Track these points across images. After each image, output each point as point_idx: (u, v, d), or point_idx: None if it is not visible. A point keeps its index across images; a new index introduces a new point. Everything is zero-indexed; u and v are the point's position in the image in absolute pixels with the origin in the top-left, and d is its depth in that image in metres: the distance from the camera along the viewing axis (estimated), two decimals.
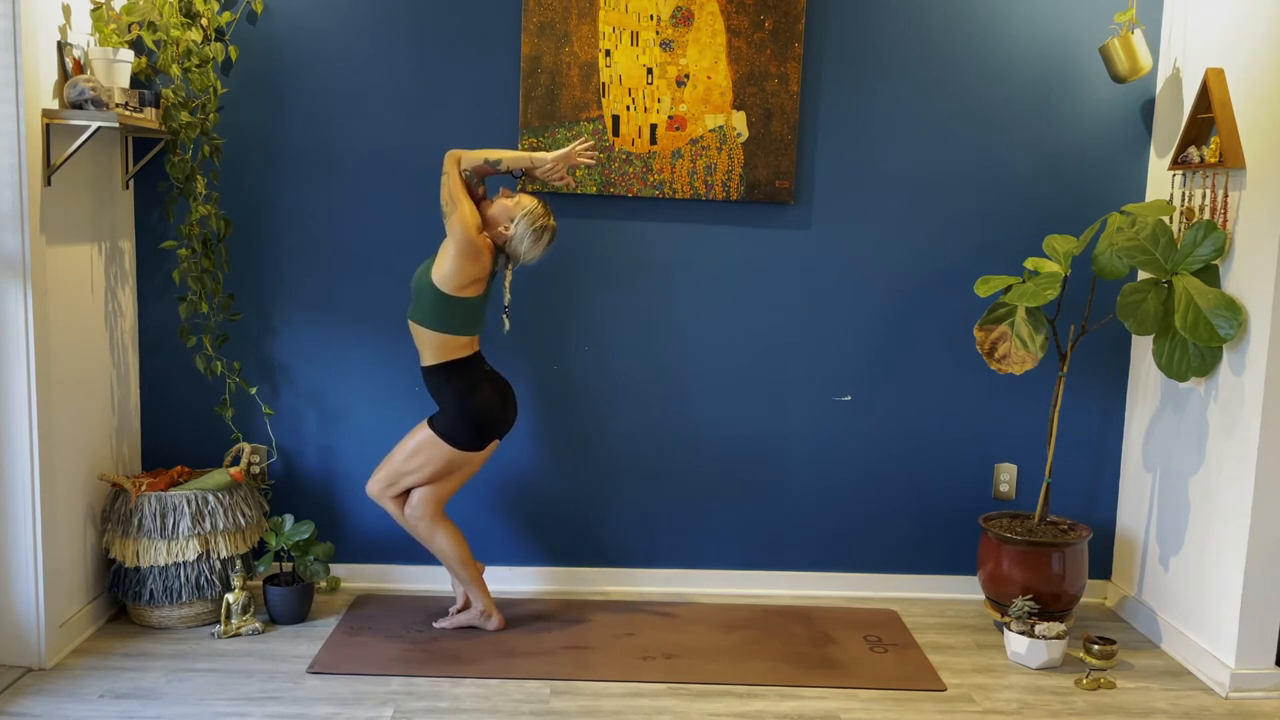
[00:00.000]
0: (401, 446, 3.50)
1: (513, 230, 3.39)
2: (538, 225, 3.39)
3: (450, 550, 3.54)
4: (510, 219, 3.39)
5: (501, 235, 3.41)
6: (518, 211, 3.39)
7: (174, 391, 3.89)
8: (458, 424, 3.43)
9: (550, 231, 3.43)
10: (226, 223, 3.75)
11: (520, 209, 3.40)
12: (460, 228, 3.29)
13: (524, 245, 3.41)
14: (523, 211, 3.39)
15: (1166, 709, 3.28)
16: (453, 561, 3.56)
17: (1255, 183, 3.34)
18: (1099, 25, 3.87)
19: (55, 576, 3.30)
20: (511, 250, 3.43)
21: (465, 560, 3.57)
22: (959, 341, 4.01)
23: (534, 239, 3.40)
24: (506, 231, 3.40)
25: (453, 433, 3.43)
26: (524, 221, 3.39)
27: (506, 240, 3.41)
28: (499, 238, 3.41)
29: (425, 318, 3.40)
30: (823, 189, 3.93)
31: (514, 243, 3.41)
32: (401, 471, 3.49)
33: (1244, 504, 3.35)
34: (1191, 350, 3.47)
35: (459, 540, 3.55)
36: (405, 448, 3.49)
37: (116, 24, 3.45)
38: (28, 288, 3.13)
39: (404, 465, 3.48)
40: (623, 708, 3.15)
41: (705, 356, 3.99)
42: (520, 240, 3.40)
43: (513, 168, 3.42)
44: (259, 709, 3.07)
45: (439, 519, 3.53)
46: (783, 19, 3.78)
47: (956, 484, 4.10)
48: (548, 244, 3.45)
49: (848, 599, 4.09)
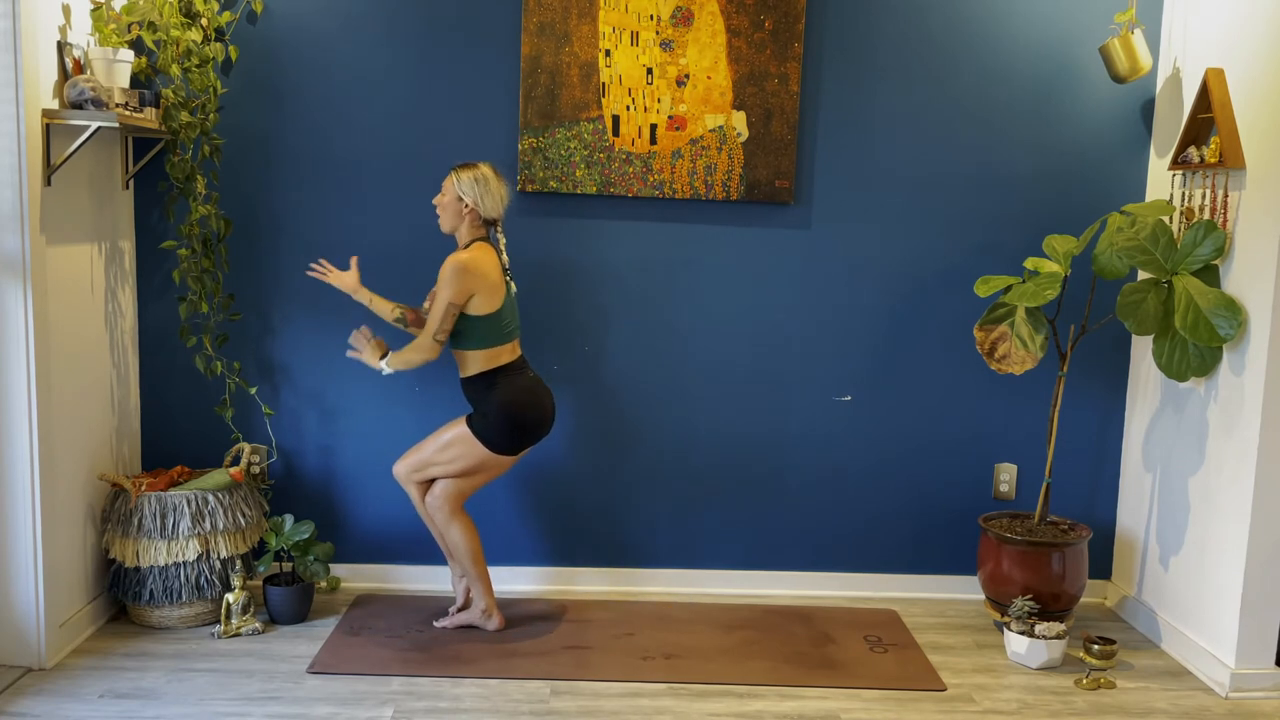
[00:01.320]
0: (435, 437, 3.49)
1: (468, 200, 3.38)
2: (474, 176, 3.38)
3: (464, 544, 3.54)
4: (458, 200, 3.39)
5: (468, 212, 3.39)
6: (453, 191, 3.39)
7: (174, 391, 3.90)
8: (499, 427, 3.42)
9: (484, 167, 3.40)
10: (226, 223, 3.75)
11: (453, 188, 3.39)
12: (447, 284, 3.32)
13: (485, 197, 3.39)
14: (455, 186, 3.38)
15: (1166, 709, 3.28)
16: (464, 556, 3.55)
17: (1255, 183, 3.34)
18: (1099, 25, 3.87)
19: (55, 576, 3.30)
20: (487, 212, 3.41)
21: (477, 556, 3.56)
22: (959, 341, 4.01)
23: (482, 185, 3.38)
24: (466, 208, 3.39)
25: (490, 435, 3.43)
26: (465, 187, 3.37)
27: (475, 210, 3.39)
28: (471, 216, 3.40)
29: (468, 343, 3.41)
30: (823, 189, 3.93)
31: (482, 206, 3.39)
32: (431, 461, 3.49)
33: (1244, 504, 3.35)
34: (1191, 350, 3.47)
35: (474, 535, 3.55)
36: (439, 439, 3.48)
37: (116, 24, 3.45)
38: (28, 288, 3.13)
39: (435, 456, 3.48)
40: (623, 708, 3.16)
41: (705, 356, 3.99)
42: (480, 198, 3.38)
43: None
44: (259, 709, 3.07)
45: (458, 512, 3.53)
46: (783, 19, 3.78)
47: (956, 484, 4.10)
48: (495, 175, 3.41)
49: (848, 599, 4.09)
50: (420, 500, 3.57)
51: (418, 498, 3.58)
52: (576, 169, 3.82)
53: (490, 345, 3.42)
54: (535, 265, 3.86)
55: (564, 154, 3.81)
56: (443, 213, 3.44)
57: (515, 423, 3.42)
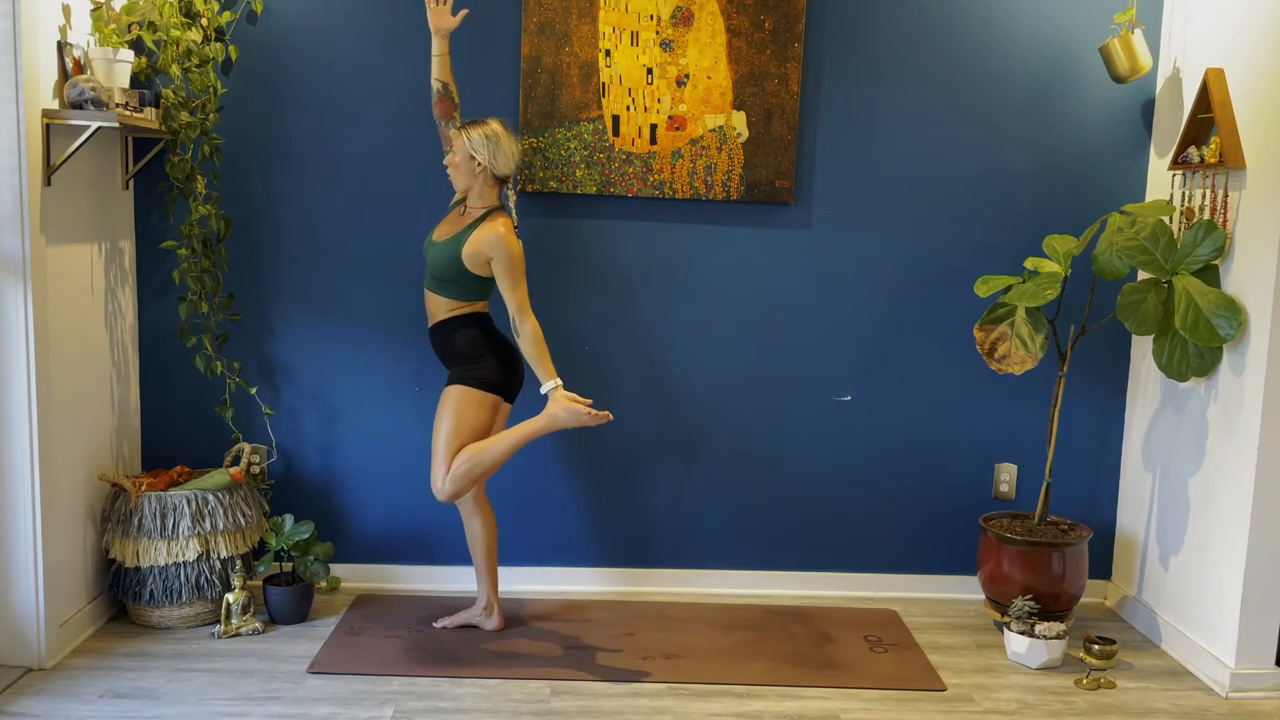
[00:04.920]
0: (436, 430, 3.39)
1: (480, 158, 3.35)
2: (485, 133, 3.35)
3: (483, 536, 3.56)
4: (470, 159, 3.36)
5: (481, 170, 3.37)
6: (464, 150, 3.36)
7: (174, 391, 3.90)
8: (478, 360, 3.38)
9: (494, 123, 3.37)
10: (226, 223, 3.75)
11: (464, 147, 3.36)
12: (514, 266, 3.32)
13: (498, 154, 3.36)
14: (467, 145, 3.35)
15: (1166, 709, 3.28)
16: (480, 548, 3.57)
17: (1255, 183, 3.34)
18: (1099, 25, 3.87)
19: (55, 576, 3.30)
20: (499, 169, 3.38)
21: (491, 551, 3.58)
22: (959, 341, 4.01)
23: (494, 142, 3.35)
24: (479, 166, 3.36)
25: (473, 368, 3.38)
26: (477, 145, 3.34)
27: (488, 169, 3.37)
28: (484, 175, 3.37)
29: (462, 293, 3.39)
30: (823, 189, 3.93)
31: (495, 164, 3.36)
32: (444, 443, 3.36)
33: (1244, 504, 3.35)
34: (1191, 350, 3.47)
35: (493, 530, 3.58)
36: (439, 424, 3.38)
37: (116, 24, 3.45)
38: (28, 288, 3.13)
39: (443, 436, 3.36)
40: (623, 708, 3.16)
41: (705, 356, 3.99)
42: (493, 155, 3.35)
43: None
44: (259, 709, 3.07)
45: (481, 503, 3.56)
46: (783, 19, 3.78)
47: (956, 484, 4.10)
48: (506, 130, 3.38)
49: (848, 599, 4.09)
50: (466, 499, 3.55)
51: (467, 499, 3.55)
52: (576, 169, 3.82)
53: (479, 299, 3.44)
54: (535, 265, 3.86)
55: (564, 154, 3.81)
56: (455, 172, 3.40)
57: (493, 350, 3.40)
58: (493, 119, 3.40)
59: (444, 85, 3.53)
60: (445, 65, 3.53)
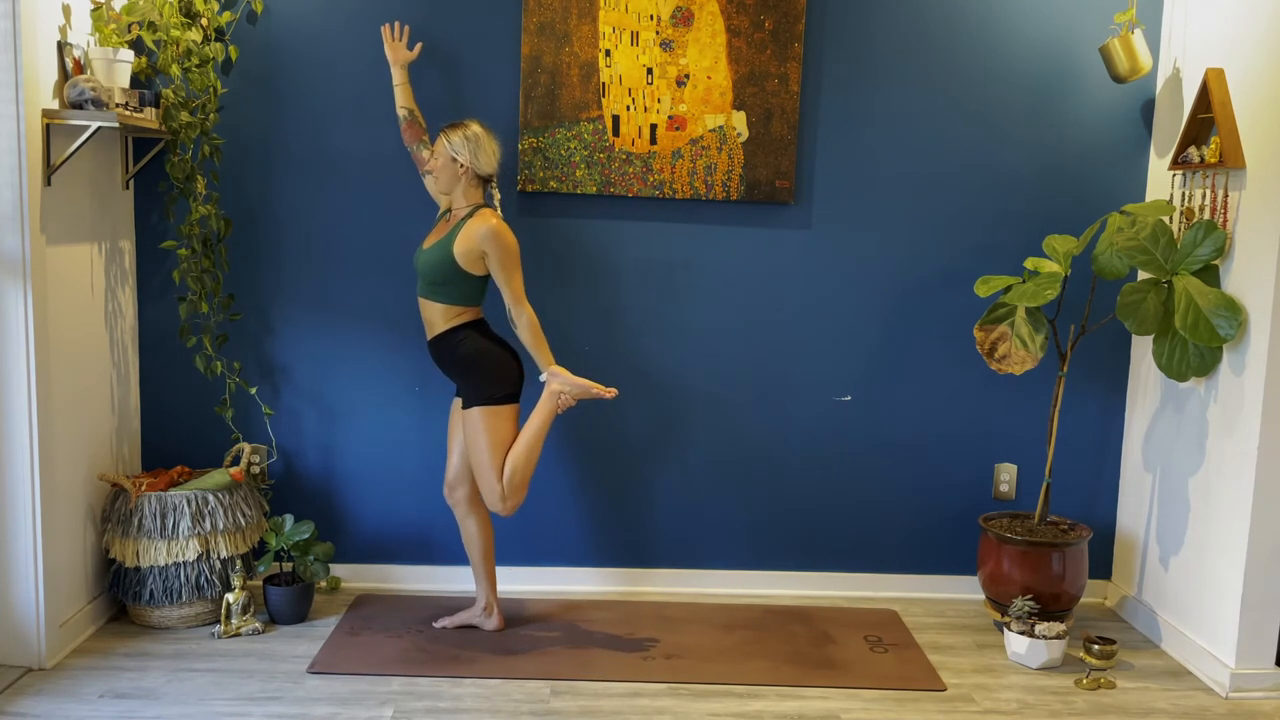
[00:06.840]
0: (474, 449, 3.42)
1: (462, 159, 3.36)
2: (465, 134, 3.36)
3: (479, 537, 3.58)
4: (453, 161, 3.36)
5: (464, 171, 3.37)
6: (445, 153, 3.36)
7: (174, 391, 3.90)
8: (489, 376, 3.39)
9: (473, 125, 3.38)
10: (226, 223, 3.75)
11: (445, 150, 3.36)
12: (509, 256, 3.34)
13: (479, 154, 3.36)
14: (447, 147, 3.36)
15: (1166, 709, 3.28)
16: (478, 549, 3.58)
17: (1255, 183, 3.34)
18: (1099, 25, 3.87)
19: (55, 576, 3.30)
20: (482, 169, 3.38)
21: (488, 551, 3.60)
22: (959, 341, 4.01)
23: (474, 143, 3.36)
24: (462, 167, 3.37)
25: (487, 387, 3.39)
26: (458, 146, 3.35)
27: (470, 170, 3.37)
28: (468, 175, 3.38)
29: (457, 296, 3.39)
30: (823, 189, 3.93)
31: (477, 164, 3.37)
32: (491, 466, 3.41)
33: (1244, 504, 3.35)
34: (1191, 350, 3.47)
35: (489, 530, 3.60)
36: (477, 448, 3.41)
37: (116, 24, 3.45)
38: (28, 288, 3.13)
39: (483, 457, 3.40)
40: (623, 708, 3.16)
41: (704, 356, 3.99)
42: (474, 155, 3.36)
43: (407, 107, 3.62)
44: (259, 709, 3.07)
45: (474, 501, 3.57)
46: (783, 19, 3.78)
47: (956, 484, 4.10)
48: (485, 131, 3.39)
49: (848, 599, 4.09)
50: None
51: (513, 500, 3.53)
52: (576, 169, 3.82)
53: (474, 303, 3.43)
54: (534, 265, 3.86)
55: (564, 154, 3.81)
56: (438, 175, 3.41)
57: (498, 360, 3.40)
58: (471, 120, 3.42)
59: (409, 112, 3.62)
60: (408, 93, 3.63)
